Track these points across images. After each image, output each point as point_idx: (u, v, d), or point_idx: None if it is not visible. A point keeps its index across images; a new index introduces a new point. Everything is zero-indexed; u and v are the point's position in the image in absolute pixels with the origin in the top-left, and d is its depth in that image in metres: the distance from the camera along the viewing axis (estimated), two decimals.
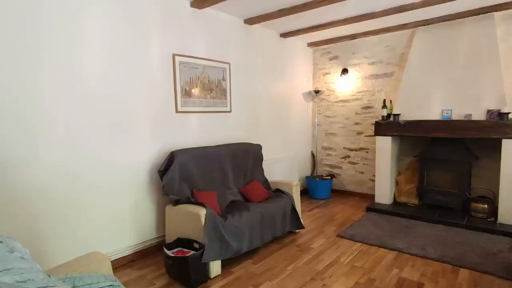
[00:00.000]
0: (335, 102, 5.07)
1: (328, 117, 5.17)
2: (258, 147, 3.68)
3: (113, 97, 2.63)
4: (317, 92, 4.97)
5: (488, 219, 3.54)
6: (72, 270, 1.46)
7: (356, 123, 4.87)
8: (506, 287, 2.31)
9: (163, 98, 3.02)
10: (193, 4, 3.22)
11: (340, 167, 5.10)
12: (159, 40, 2.96)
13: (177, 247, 2.58)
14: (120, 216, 2.73)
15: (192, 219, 2.50)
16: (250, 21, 3.84)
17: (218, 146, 3.29)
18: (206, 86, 3.42)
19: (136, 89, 2.79)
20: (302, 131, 5.15)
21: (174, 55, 3.07)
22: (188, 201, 2.65)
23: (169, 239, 2.75)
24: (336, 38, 4.74)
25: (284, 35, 4.50)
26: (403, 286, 2.33)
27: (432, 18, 3.88)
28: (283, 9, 3.50)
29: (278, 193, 3.41)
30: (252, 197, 3.28)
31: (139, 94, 2.82)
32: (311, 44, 5.07)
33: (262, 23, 3.98)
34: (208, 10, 3.42)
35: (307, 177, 4.99)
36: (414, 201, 4.14)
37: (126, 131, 2.73)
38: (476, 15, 3.67)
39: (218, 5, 3.35)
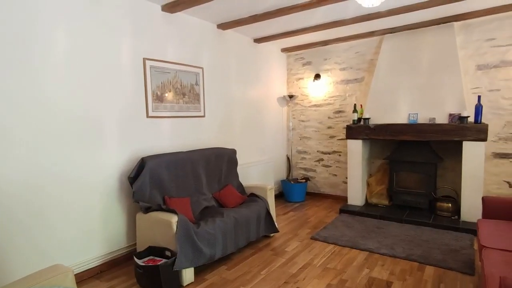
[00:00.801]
0: (309, 106, 5.17)
1: (302, 121, 5.26)
2: (233, 152, 3.68)
3: (78, 103, 2.53)
4: (291, 96, 5.04)
5: (452, 217, 3.73)
6: (34, 283, 1.40)
7: (329, 127, 4.98)
8: (468, 281, 2.44)
9: (133, 103, 2.95)
10: (164, 8, 3.18)
11: (315, 170, 5.19)
12: (129, 44, 2.89)
13: (149, 256, 2.52)
14: (87, 225, 2.63)
15: (163, 226, 2.45)
16: (223, 26, 3.85)
17: (191, 151, 3.25)
18: (178, 90, 3.38)
19: (104, 95, 2.71)
20: (277, 135, 5.20)
21: (144, 60, 3.02)
22: (159, 208, 2.59)
23: (140, 247, 2.68)
24: (308, 44, 4.85)
25: (258, 40, 4.54)
26: (373, 286, 2.40)
27: (397, 26, 4.06)
28: (255, 15, 3.54)
29: (252, 197, 3.42)
30: (226, 202, 3.26)
31: (107, 99, 2.74)
32: (284, 50, 5.15)
33: (235, 28, 4.01)
34: (180, 15, 3.40)
35: (282, 181, 5.04)
36: (385, 202, 4.28)
37: (93, 137, 2.64)
38: (437, 24, 3.87)
39: (190, 9, 3.33)
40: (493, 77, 3.69)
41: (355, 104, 4.41)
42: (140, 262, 2.36)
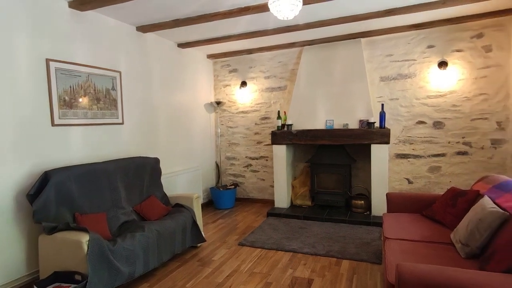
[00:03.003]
0: (236, 113, 5.23)
1: (230, 127, 5.29)
2: (156, 161, 3.50)
3: None
4: (218, 103, 5.04)
5: (365, 213, 4.13)
6: None
7: (256, 133, 5.11)
8: (376, 270, 2.72)
9: (33, 110, 2.59)
10: (72, 5, 2.89)
11: (243, 176, 5.25)
12: (27, 43, 2.54)
13: (54, 283, 2.21)
14: None
15: (72, 247, 2.19)
16: (143, 29, 3.66)
17: (107, 162, 2.99)
18: (91, 95, 3.08)
19: None
20: (205, 142, 5.13)
21: (48, 61, 2.68)
22: (68, 228, 2.31)
23: (44, 274, 2.34)
24: (234, 51, 4.92)
25: (182, 45, 4.44)
26: (296, 285, 2.50)
27: (315, 39, 4.38)
28: (177, 20, 3.45)
29: (178, 208, 3.29)
30: (149, 215, 3.08)
31: None
32: (210, 56, 5.14)
33: (156, 31, 3.85)
34: (92, 13, 3.12)
35: (211, 188, 4.97)
36: (308, 202, 4.55)
37: None
38: (348, 39, 4.30)
39: (103, 9, 3.09)
40: (393, 87, 4.23)
41: (278, 111, 4.61)
42: None
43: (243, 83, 5.10)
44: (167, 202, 3.42)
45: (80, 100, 2.97)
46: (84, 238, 2.16)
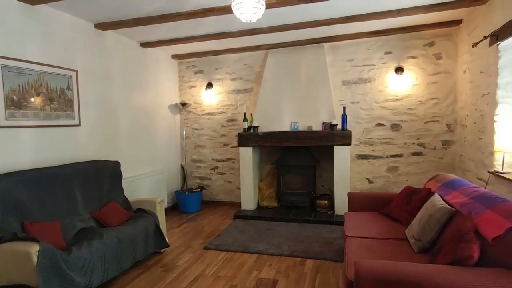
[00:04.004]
0: (202, 114, 5.16)
1: (196, 129, 5.21)
2: (116, 164, 3.35)
3: None
4: (183, 104, 4.95)
5: (329, 213, 4.26)
6: None
7: (223, 135, 5.08)
8: (339, 268, 2.80)
9: None
10: None
11: (210, 178, 5.19)
12: None
13: None
14: None
15: (21, 259, 2.02)
16: (102, 26, 3.50)
17: (62, 166, 2.81)
18: (44, 95, 2.89)
19: None
20: (170, 144, 5.00)
21: None
22: (15, 238, 2.14)
23: None
24: (200, 52, 4.86)
25: (145, 44, 4.31)
26: (261, 286, 2.51)
27: (280, 42, 4.45)
28: (139, 18, 3.34)
29: (140, 213, 3.17)
30: (108, 221, 2.93)
31: None
32: (175, 57, 5.03)
33: (117, 30, 3.70)
34: (44, 8, 2.93)
35: (176, 192, 4.86)
36: (274, 203, 4.59)
37: None
38: (312, 44, 4.41)
39: (57, 3, 2.91)
40: (354, 91, 4.41)
41: (245, 113, 4.62)
42: None
43: (209, 85, 5.05)
44: (129, 207, 3.29)
45: (32, 100, 2.77)
46: (34, 249, 2.01)
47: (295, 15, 3.40)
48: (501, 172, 2.73)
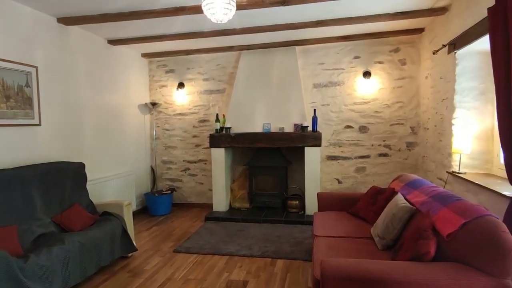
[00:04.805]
0: (173, 115, 5.06)
1: (167, 130, 5.10)
2: (80, 166, 3.20)
3: None
4: (154, 104, 4.83)
5: (299, 213, 4.32)
6: None
7: (194, 136, 5.01)
8: (308, 267, 2.85)
9: None
10: None
11: (181, 180, 5.10)
12: None
13: None
14: None
15: None
16: (65, 21, 3.34)
17: (20, 168, 2.65)
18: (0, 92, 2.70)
19: None
20: (139, 145, 4.86)
21: None
22: None
23: None
24: (171, 51, 4.76)
25: (113, 42, 4.16)
26: None
27: (253, 44, 4.47)
28: (106, 14, 3.22)
29: (106, 216, 3.05)
30: (71, 226, 2.79)
31: None
32: (145, 55, 4.90)
33: (82, 25, 3.55)
34: (4, 0, 2.74)
35: (146, 194, 4.73)
36: (246, 205, 4.59)
37: None
38: (284, 46, 4.47)
39: None
40: (324, 94, 4.52)
41: (217, 114, 4.59)
42: None
43: (181, 84, 4.96)
44: (94, 210, 3.15)
45: None
46: None
47: (267, 18, 3.43)
48: (458, 172, 2.91)
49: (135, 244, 3.12)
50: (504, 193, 2.07)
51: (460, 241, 1.53)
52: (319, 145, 4.13)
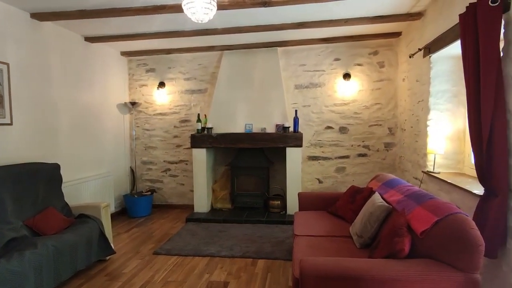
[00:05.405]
0: (154, 115, 4.98)
1: (147, 130, 5.01)
2: (55, 167, 3.09)
3: None
4: (133, 104, 4.73)
5: (281, 213, 4.35)
6: None
7: (175, 136, 4.94)
8: (288, 266, 2.87)
9: None
10: None
11: (161, 181, 5.02)
12: None
13: None
14: None
15: None
16: (39, 16, 3.22)
17: None
18: None
19: None
20: (118, 145, 4.75)
21: None
22: None
23: None
24: (151, 50, 4.68)
25: (91, 39, 4.04)
26: None
27: (235, 44, 4.46)
28: (83, 11, 3.13)
29: (82, 219, 2.96)
30: (45, 229, 2.69)
31: None
32: (125, 54, 4.79)
33: (57, 21, 3.43)
34: None
35: (125, 195, 4.62)
36: (228, 205, 4.58)
37: None
38: (266, 47, 4.49)
39: None
40: (305, 95, 4.57)
41: (198, 114, 4.55)
42: None
43: (161, 84, 4.89)
44: (69, 213, 3.05)
45: None
46: None
47: (248, 18, 3.43)
48: (433, 172, 3.02)
49: (113, 247, 3.04)
50: (474, 191, 2.17)
51: (432, 238, 1.59)
52: (301, 146, 4.17)
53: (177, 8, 2.99)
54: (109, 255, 3.00)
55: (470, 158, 2.89)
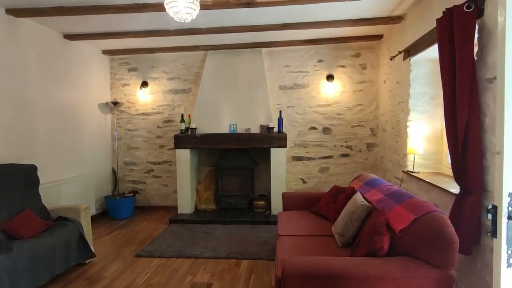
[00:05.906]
0: (136, 114, 4.89)
1: (130, 130, 4.92)
2: (32, 168, 2.99)
3: None
4: (115, 103, 4.63)
5: (265, 213, 4.36)
6: None
7: (158, 136, 4.88)
8: (272, 266, 2.88)
9: None
10: None
11: (144, 182, 4.94)
12: None
13: None
14: None
15: None
16: (15, 12, 3.10)
17: None
18: None
19: None
20: (99, 145, 4.64)
21: None
22: None
23: None
24: (134, 49, 4.60)
25: (70, 37, 3.93)
26: None
27: (219, 44, 4.44)
28: (61, 7, 3.04)
29: (61, 221, 2.88)
30: (21, 233, 2.59)
31: None
32: (106, 52, 4.69)
33: (35, 18, 3.32)
34: None
35: (106, 197, 4.52)
36: (212, 206, 4.55)
37: None
38: (250, 48, 4.49)
39: None
40: (290, 96, 4.61)
41: (182, 114, 4.51)
42: None
43: (144, 83, 4.81)
44: (47, 216, 2.95)
45: None
46: None
47: (232, 19, 3.43)
48: (412, 172, 3.10)
49: (93, 250, 2.97)
50: (451, 190, 2.24)
51: (410, 236, 1.64)
52: (285, 146, 4.20)
53: (160, 7, 2.95)
54: (89, 258, 2.93)
55: (447, 158, 2.98)
